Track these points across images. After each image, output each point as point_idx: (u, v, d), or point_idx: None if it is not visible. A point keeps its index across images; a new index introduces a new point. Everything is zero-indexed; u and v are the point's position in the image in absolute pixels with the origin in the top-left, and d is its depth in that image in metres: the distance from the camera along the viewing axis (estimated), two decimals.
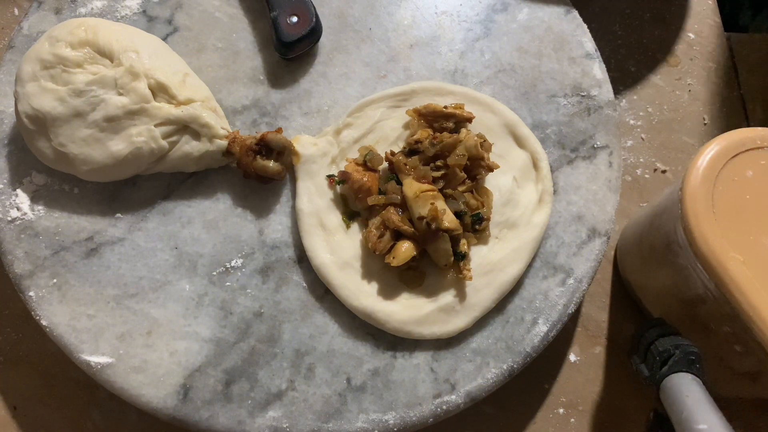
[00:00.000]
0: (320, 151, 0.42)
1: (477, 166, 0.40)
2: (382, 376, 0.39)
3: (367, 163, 0.41)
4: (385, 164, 0.41)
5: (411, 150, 0.41)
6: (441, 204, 0.38)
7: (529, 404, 0.44)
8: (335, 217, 0.41)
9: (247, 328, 0.40)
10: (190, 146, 0.41)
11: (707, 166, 0.37)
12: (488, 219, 0.40)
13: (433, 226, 0.37)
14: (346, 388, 0.39)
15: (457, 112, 0.42)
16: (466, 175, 0.40)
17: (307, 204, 0.41)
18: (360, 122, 0.43)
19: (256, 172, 0.41)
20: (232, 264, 0.41)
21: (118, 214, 0.42)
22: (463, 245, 0.39)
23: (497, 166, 0.41)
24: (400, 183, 0.40)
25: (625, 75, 0.53)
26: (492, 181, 0.42)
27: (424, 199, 0.38)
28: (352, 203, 0.41)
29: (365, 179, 0.40)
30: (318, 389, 0.39)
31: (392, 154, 0.41)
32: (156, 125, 0.40)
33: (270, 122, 0.45)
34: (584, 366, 0.45)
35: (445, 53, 0.46)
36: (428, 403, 0.38)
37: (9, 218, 0.42)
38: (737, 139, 0.37)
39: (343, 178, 0.41)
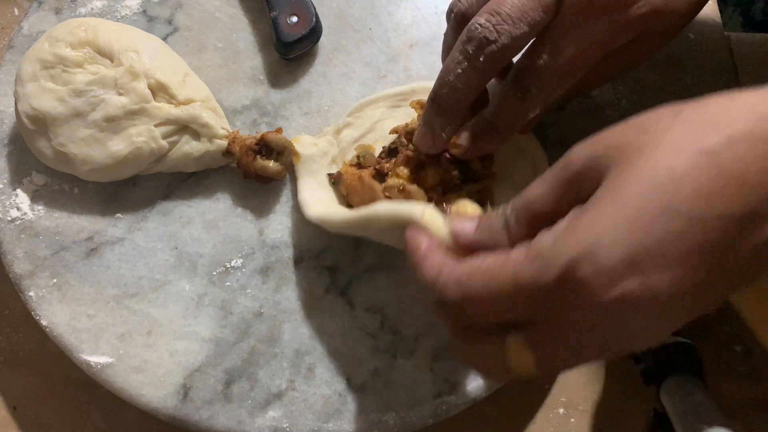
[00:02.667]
0: (320, 151, 0.42)
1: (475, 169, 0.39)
2: (382, 376, 0.39)
3: (360, 162, 0.41)
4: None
5: (390, 150, 0.40)
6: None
7: (529, 404, 0.44)
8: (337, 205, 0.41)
9: (247, 328, 0.40)
10: (190, 146, 0.41)
11: None
12: (491, 176, 0.39)
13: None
14: (346, 388, 0.39)
15: None
16: (457, 171, 0.38)
17: (310, 194, 0.41)
18: (360, 122, 0.43)
19: (256, 172, 0.41)
20: (232, 264, 0.41)
21: (118, 214, 0.42)
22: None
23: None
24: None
25: (625, 75, 0.53)
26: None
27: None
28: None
29: (357, 177, 0.39)
30: (318, 389, 0.39)
31: (378, 162, 0.39)
32: (156, 125, 0.40)
33: (270, 122, 0.45)
34: (584, 366, 0.45)
35: None
36: (428, 403, 0.38)
37: (9, 218, 0.42)
38: None
39: (336, 179, 0.41)
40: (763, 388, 0.41)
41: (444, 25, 0.45)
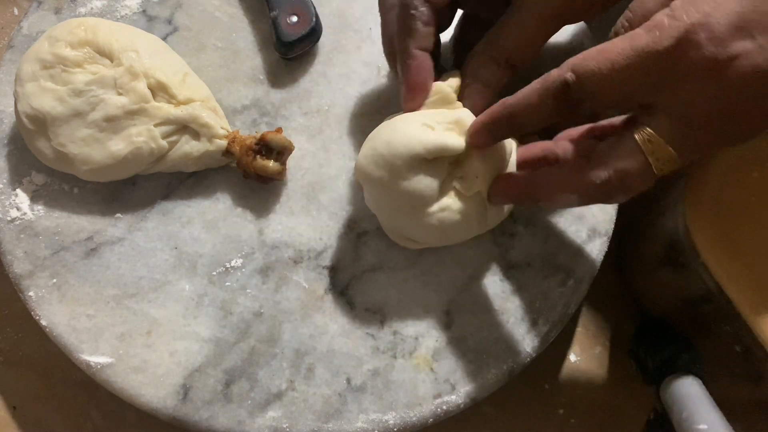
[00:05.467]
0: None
1: None
2: (382, 376, 0.39)
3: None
4: None
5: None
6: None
7: (529, 404, 0.44)
8: None
9: (247, 328, 0.40)
10: (189, 146, 0.41)
11: (710, 166, 0.37)
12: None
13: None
14: (346, 388, 0.39)
15: None
16: None
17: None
18: None
19: (256, 172, 0.41)
20: (232, 264, 0.41)
21: (118, 214, 0.42)
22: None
23: None
24: None
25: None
26: None
27: None
28: None
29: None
30: (318, 389, 0.39)
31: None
32: (156, 125, 0.40)
33: (270, 122, 0.45)
34: (584, 366, 0.45)
35: (445, 53, 0.46)
36: (428, 403, 0.38)
37: (9, 218, 0.42)
38: None
39: None
40: (763, 389, 0.41)
41: None
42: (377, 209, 0.39)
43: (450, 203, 0.36)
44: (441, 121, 0.35)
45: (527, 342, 0.40)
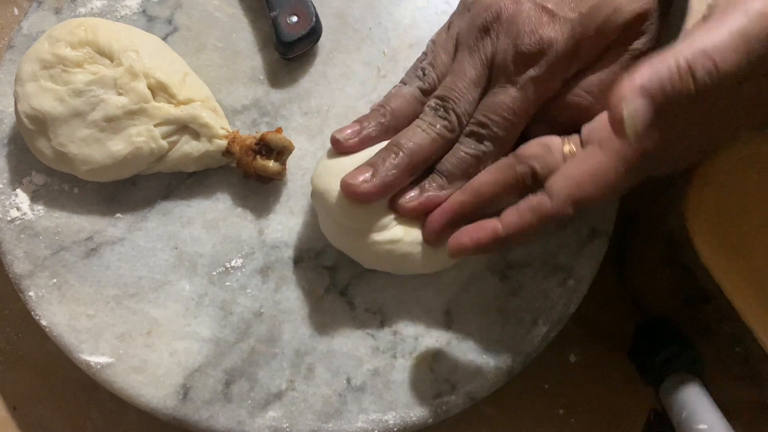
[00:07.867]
0: None
1: None
2: (382, 376, 0.39)
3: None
4: None
5: None
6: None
7: (529, 404, 0.44)
8: None
9: (247, 328, 0.40)
10: (189, 146, 0.41)
11: (711, 167, 0.37)
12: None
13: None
14: (346, 388, 0.39)
15: None
16: None
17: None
18: None
19: (256, 172, 0.41)
20: (232, 264, 0.41)
21: (118, 214, 0.42)
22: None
23: None
24: None
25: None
26: None
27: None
28: None
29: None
30: (318, 389, 0.39)
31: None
32: (155, 125, 0.40)
33: (270, 122, 0.45)
34: (584, 366, 0.45)
35: None
36: (428, 403, 0.38)
37: (9, 218, 0.42)
38: (742, 142, 0.37)
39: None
40: (763, 389, 0.41)
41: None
42: (327, 231, 0.39)
43: (402, 235, 0.37)
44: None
45: (527, 342, 0.40)
